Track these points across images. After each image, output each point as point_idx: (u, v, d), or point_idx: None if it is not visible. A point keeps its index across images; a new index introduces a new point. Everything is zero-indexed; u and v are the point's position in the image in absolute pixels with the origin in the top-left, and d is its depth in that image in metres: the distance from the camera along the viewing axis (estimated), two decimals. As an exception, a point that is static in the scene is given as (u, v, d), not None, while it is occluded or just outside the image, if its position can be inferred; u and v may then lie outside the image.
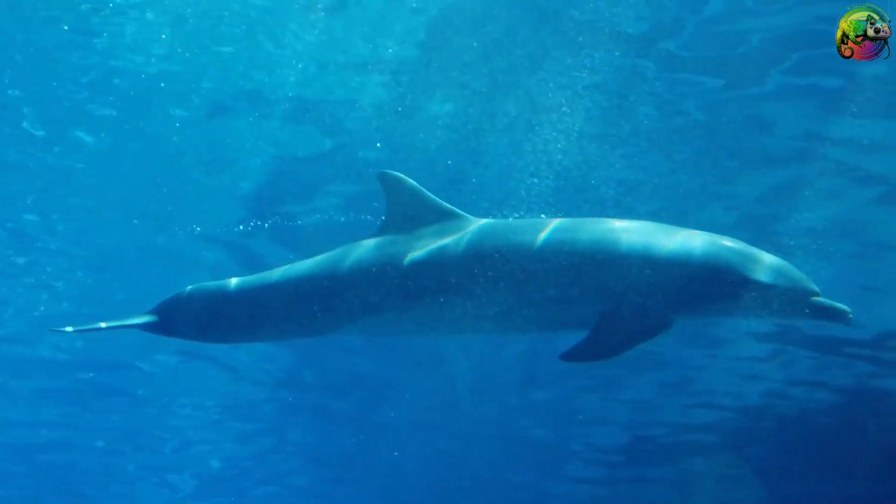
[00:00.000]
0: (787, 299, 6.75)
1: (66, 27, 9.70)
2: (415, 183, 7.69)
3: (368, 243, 7.61)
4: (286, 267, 7.98)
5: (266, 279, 7.98)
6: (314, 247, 8.31)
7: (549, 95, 10.10)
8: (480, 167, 11.18)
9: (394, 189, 7.71)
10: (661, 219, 7.84)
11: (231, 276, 8.25)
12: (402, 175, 7.72)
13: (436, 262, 7.19)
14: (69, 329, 8.48)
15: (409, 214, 7.62)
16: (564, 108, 10.23)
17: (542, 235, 7.03)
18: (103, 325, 8.27)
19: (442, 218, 7.54)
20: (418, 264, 7.23)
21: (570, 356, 6.93)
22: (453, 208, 7.64)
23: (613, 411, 19.21)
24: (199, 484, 26.65)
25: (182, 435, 22.36)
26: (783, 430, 19.34)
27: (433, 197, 7.69)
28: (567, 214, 8.77)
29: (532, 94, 10.17)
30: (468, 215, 7.61)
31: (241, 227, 12.85)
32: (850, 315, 6.73)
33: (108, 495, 28.24)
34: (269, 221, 12.71)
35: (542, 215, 10.33)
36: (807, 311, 6.77)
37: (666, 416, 19.25)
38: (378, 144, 11.18)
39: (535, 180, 10.74)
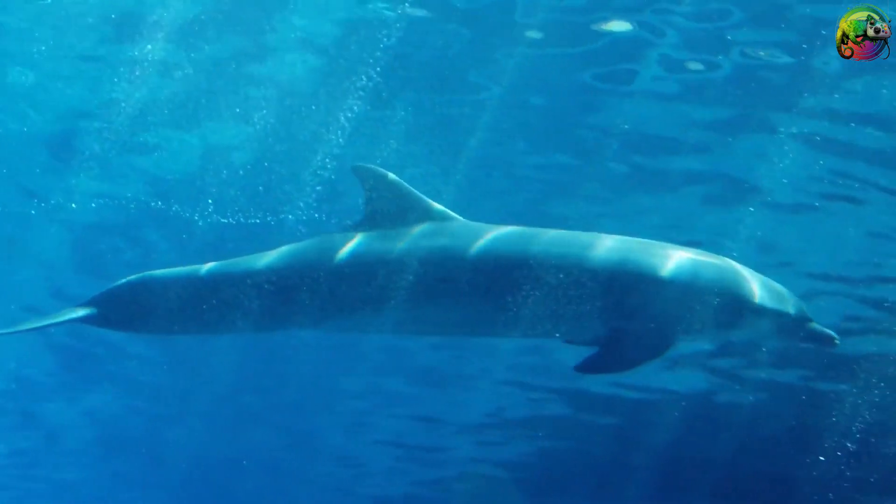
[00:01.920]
0: (787, 325, 6.83)
1: None
2: (396, 177, 7.26)
3: (347, 238, 7.19)
4: (252, 256, 7.52)
5: (230, 268, 7.51)
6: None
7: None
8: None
9: (371, 183, 7.27)
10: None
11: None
12: (380, 168, 7.33)
13: (429, 263, 6.85)
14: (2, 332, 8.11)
15: (391, 211, 7.19)
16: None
17: (554, 248, 6.82)
18: (38, 324, 7.98)
19: (429, 217, 7.16)
20: (408, 263, 6.86)
21: (583, 369, 6.83)
22: (443, 208, 7.27)
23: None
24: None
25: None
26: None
27: (418, 193, 7.28)
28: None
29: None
30: (458, 216, 7.26)
31: None
32: (838, 341, 6.83)
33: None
34: None
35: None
36: (801, 335, 6.88)
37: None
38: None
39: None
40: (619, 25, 8.78)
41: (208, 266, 7.61)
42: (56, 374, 19.75)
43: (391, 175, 7.26)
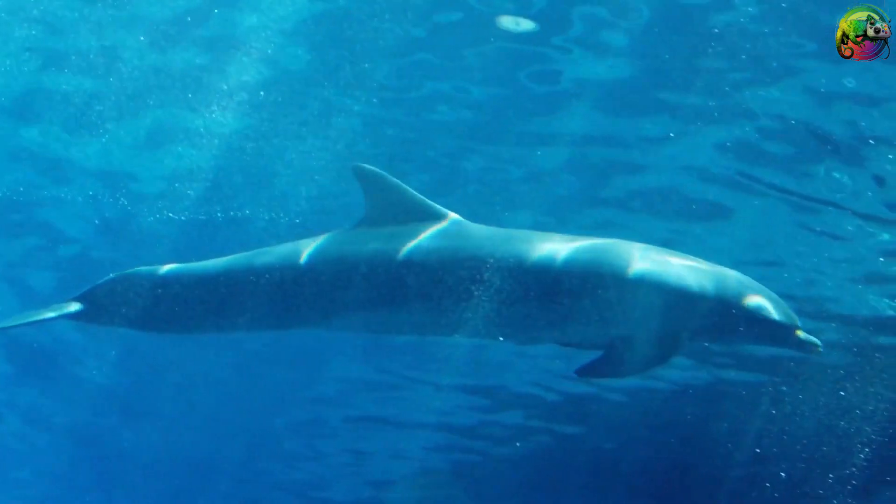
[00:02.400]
0: (782, 332, 6.82)
1: None
2: (395, 179, 7.21)
3: (349, 237, 7.14)
4: (249, 254, 7.41)
5: (225, 266, 7.37)
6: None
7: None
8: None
9: (371, 184, 7.22)
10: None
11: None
12: (379, 170, 7.26)
13: (429, 264, 6.77)
14: None
15: (392, 211, 7.13)
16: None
17: (558, 252, 6.73)
18: (23, 320, 7.82)
19: (431, 218, 7.10)
20: (403, 264, 6.79)
21: (585, 373, 6.90)
22: (443, 209, 7.20)
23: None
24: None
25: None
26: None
27: (417, 194, 7.23)
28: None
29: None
30: (460, 217, 7.20)
31: None
32: (821, 349, 6.85)
33: None
34: None
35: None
36: (790, 342, 6.88)
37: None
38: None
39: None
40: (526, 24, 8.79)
41: (203, 263, 7.52)
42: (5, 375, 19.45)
43: (390, 176, 7.23)
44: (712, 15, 8.35)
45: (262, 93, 9.94)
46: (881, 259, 11.78)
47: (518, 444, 20.23)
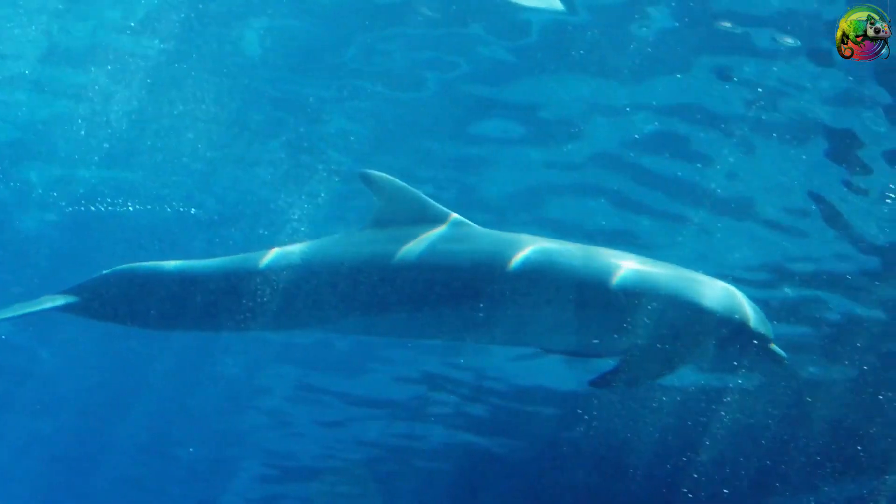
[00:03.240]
0: (762, 343, 6.98)
1: None
2: (406, 185, 7.23)
3: (355, 240, 7.21)
4: (252, 254, 7.40)
5: (229, 266, 7.37)
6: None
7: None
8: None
9: (381, 190, 7.24)
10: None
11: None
12: (388, 175, 7.25)
13: (436, 267, 6.85)
14: None
15: (400, 216, 7.17)
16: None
17: (571, 260, 6.82)
18: (15, 312, 7.55)
19: (441, 223, 7.13)
20: (414, 268, 6.84)
21: (599, 384, 7.04)
22: (455, 214, 7.24)
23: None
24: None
25: None
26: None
27: (429, 200, 7.27)
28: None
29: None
30: (470, 222, 7.24)
31: None
32: (787, 361, 7.07)
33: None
34: None
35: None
36: (764, 354, 7.05)
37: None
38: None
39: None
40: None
41: (205, 262, 7.49)
42: None
43: (398, 181, 7.20)
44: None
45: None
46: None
47: (425, 449, 20.35)
